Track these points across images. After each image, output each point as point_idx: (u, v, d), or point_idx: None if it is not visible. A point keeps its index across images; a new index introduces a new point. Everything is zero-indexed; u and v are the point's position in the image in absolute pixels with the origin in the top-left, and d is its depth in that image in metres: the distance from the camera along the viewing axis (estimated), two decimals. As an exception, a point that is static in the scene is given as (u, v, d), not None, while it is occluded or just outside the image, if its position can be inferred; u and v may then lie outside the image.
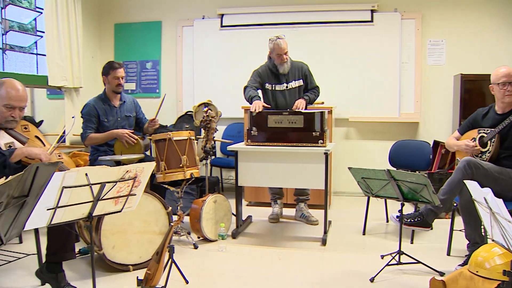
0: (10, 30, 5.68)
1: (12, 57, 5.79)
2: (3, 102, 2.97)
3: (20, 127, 3.19)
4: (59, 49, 5.83)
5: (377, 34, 6.17)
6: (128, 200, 2.66)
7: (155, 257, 3.23)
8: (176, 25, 6.82)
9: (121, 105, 4.50)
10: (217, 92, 6.45)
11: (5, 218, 1.82)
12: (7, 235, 1.94)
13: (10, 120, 3.02)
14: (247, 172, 4.36)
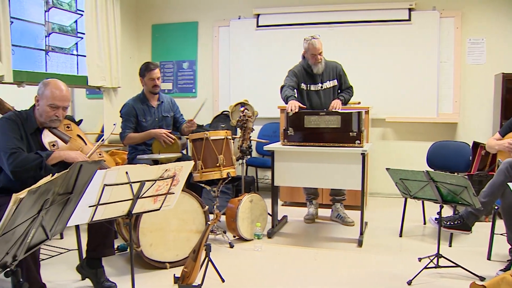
0: (53, 32, 5.83)
1: (54, 58, 5.95)
2: (48, 102, 3.04)
3: (63, 126, 3.26)
4: (99, 50, 5.95)
5: (415, 33, 6.07)
6: (166, 198, 2.69)
7: (192, 255, 3.27)
8: (212, 25, 6.88)
9: (159, 105, 4.56)
10: (253, 92, 6.46)
11: (50, 214, 1.87)
12: (52, 230, 1.99)
13: (54, 120, 3.09)
14: (283, 172, 4.36)
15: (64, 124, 3.25)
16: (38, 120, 3.11)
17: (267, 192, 5.78)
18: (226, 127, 6.00)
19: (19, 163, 2.85)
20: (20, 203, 1.53)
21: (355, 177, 4.16)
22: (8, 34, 4.66)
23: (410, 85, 6.11)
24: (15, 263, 1.80)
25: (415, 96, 6.10)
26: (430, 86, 6.06)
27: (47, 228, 1.93)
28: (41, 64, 5.73)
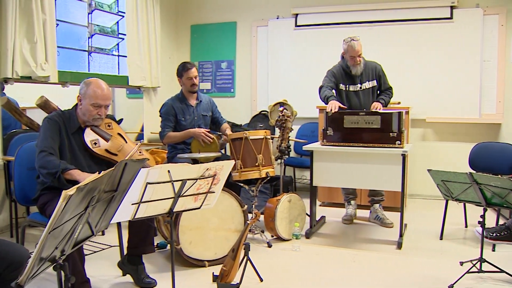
0: (95, 33, 5.96)
1: (96, 58, 6.09)
2: (91, 101, 3.11)
3: (104, 125, 3.32)
4: (139, 50, 6.05)
5: (456, 31, 5.93)
6: (207, 197, 2.71)
7: (231, 254, 3.28)
8: (250, 25, 6.90)
9: (198, 104, 4.61)
10: (291, 91, 6.44)
11: (96, 211, 1.92)
12: (97, 227, 2.04)
13: (96, 118, 3.16)
14: (322, 172, 4.34)
15: (105, 123, 3.32)
16: (81, 119, 3.19)
17: (305, 192, 5.77)
18: (264, 126, 6.01)
19: (43, 163, 2.93)
20: (69, 200, 1.57)
21: (394, 178, 4.10)
22: (54, 36, 4.80)
23: (451, 84, 5.98)
24: (63, 257, 1.85)
25: (457, 96, 5.96)
26: (472, 86, 5.91)
27: (92, 225, 1.98)
28: (84, 65, 5.88)
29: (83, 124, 3.20)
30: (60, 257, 1.83)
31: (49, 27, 4.70)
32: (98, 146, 3.16)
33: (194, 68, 4.52)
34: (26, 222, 3.39)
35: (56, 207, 1.58)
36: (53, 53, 4.79)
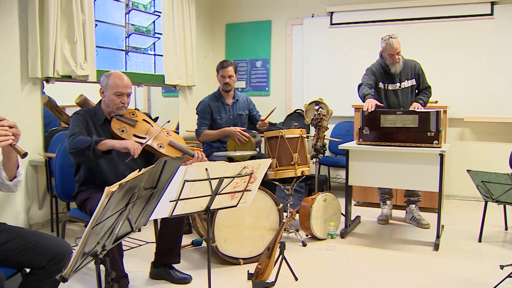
0: (132, 33, 6.06)
1: (133, 57, 6.19)
2: (113, 91, 3.23)
3: (128, 113, 3.41)
4: (175, 49, 6.13)
5: (497, 28, 5.77)
6: (243, 195, 2.72)
7: (266, 253, 3.29)
8: (285, 24, 6.88)
9: (234, 103, 4.63)
10: (326, 90, 6.40)
11: (136, 208, 1.95)
12: (136, 223, 2.07)
13: (120, 107, 3.28)
14: (358, 172, 4.30)
15: (129, 112, 3.41)
16: (105, 111, 3.31)
17: (339, 191, 5.72)
18: (299, 125, 5.99)
19: (74, 144, 3.01)
20: (112, 196, 1.60)
21: (432, 178, 4.03)
22: (93, 36, 4.91)
23: (491, 83, 5.82)
24: (104, 252, 1.89)
25: (496, 94, 5.80)
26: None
27: (132, 221, 2.01)
28: (121, 64, 5.99)
29: (108, 116, 3.31)
30: (101, 252, 1.87)
31: (88, 28, 4.81)
32: (126, 133, 3.24)
33: (230, 67, 4.55)
34: (67, 217, 3.47)
35: (99, 203, 1.61)
36: (92, 52, 4.90)
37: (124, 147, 3.04)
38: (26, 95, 4.49)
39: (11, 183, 2.34)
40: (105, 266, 1.91)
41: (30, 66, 4.43)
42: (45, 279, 2.30)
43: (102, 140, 3.03)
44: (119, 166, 3.24)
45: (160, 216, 2.41)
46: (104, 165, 3.19)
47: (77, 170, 3.28)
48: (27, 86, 4.49)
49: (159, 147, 3.33)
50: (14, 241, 2.28)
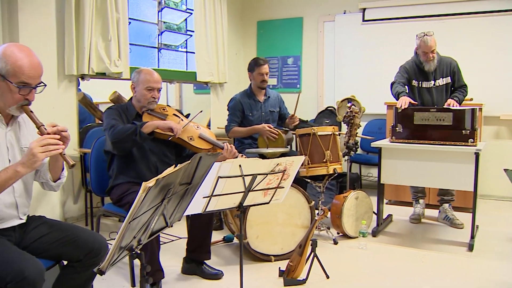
0: (165, 30, 6.12)
1: (166, 55, 6.25)
2: (144, 86, 3.30)
3: (159, 108, 3.47)
4: (207, 46, 6.16)
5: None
6: (276, 192, 2.72)
7: (298, 250, 3.29)
8: (317, 20, 6.84)
9: (266, 100, 4.64)
10: (358, 87, 6.33)
11: (171, 203, 1.97)
12: (171, 218, 2.09)
13: (151, 101, 3.34)
14: (390, 170, 4.25)
15: (160, 107, 3.47)
16: (136, 106, 3.38)
17: (370, 189, 5.67)
18: (330, 122, 5.96)
19: (117, 133, 3.08)
20: (149, 191, 1.63)
21: (466, 178, 3.96)
22: (126, 34, 4.98)
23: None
24: (139, 247, 1.92)
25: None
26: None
27: (167, 216, 2.04)
28: (153, 61, 6.06)
29: (139, 111, 3.38)
30: (137, 246, 1.90)
31: (122, 25, 4.88)
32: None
33: (267, 65, 4.57)
34: (101, 211, 3.54)
35: (136, 198, 1.63)
36: (126, 50, 4.97)
37: (168, 126, 3.17)
38: (62, 92, 4.59)
39: (54, 184, 2.40)
40: (140, 260, 1.93)
41: (66, 64, 4.53)
42: (82, 272, 2.35)
43: (145, 123, 3.14)
44: (151, 157, 3.30)
45: (193, 212, 2.43)
46: (137, 157, 3.25)
47: (110, 164, 3.34)
48: (63, 83, 4.59)
49: (189, 140, 3.38)
50: (53, 234, 2.34)
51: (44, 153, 2.03)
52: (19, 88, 2.09)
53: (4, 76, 2.07)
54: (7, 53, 2.08)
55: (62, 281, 2.37)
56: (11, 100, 2.12)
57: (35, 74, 2.12)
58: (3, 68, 2.06)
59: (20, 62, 2.07)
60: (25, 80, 2.09)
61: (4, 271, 1.95)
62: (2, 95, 2.12)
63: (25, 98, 2.13)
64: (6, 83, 2.08)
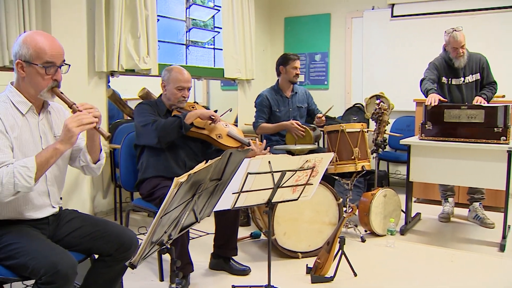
0: (193, 27, 6.16)
1: (194, 51, 6.29)
2: (175, 85, 3.34)
3: (189, 106, 3.51)
4: (234, 43, 6.18)
5: None
6: (305, 189, 2.72)
7: (326, 247, 3.28)
8: (345, 17, 6.79)
9: (293, 96, 4.63)
10: (387, 84, 6.25)
11: (201, 199, 1.99)
12: (201, 214, 2.11)
13: (181, 100, 3.38)
14: (420, 168, 4.19)
15: (189, 105, 3.51)
16: (166, 104, 3.42)
17: (398, 187, 5.62)
18: (358, 119, 5.92)
19: (162, 127, 3.14)
20: (180, 186, 1.64)
21: (498, 176, 3.87)
22: (155, 31, 5.02)
23: None
24: (170, 241, 1.94)
25: None
26: None
27: (197, 212, 2.05)
28: (181, 58, 6.10)
29: (169, 108, 3.42)
30: (167, 241, 1.92)
31: (151, 23, 4.93)
32: None
33: (299, 61, 4.57)
34: (130, 207, 3.58)
35: (168, 193, 1.65)
36: (154, 47, 5.02)
37: (209, 115, 3.32)
38: (92, 88, 4.65)
39: (95, 166, 2.44)
40: (170, 255, 1.95)
41: (96, 61, 4.59)
42: (112, 266, 2.38)
43: (187, 114, 3.23)
44: (180, 152, 3.34)
45: (223, 208, 2.44)
46: (166, 152, 3.29)
47: (139, 158, 3.38)
48: (93, 80, 4.66)
49: (218, 137, 3.40)
50: (85, 228, 2.38)
51: (79, 127, 2.10)
52: (45, 68, 2.14)
53: (29, 61, 2.13)
54: (27, 39, 2.14)
55: (93, 275, 2.42)
56: (41, 83, 2.17)
57: (57, 52, 2.17)
58: (26, 53, 2.12)
59: (41, 43, 2.13)
60: (49, 59, 2.14)
61: (38, 264, 1.99)
62: (31, 81, 2.17)
63: (53, 79, 2.18)
64: (32, 67, 2.14)
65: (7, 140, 2.10)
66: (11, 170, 2.00)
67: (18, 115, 2.19)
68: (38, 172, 2.04)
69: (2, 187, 1.98)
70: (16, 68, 2.17)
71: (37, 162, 2.04)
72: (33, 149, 2.19)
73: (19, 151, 2.14)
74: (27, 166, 2.02)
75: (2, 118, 2.11)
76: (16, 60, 2.15)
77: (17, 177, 1.99)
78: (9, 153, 2.08)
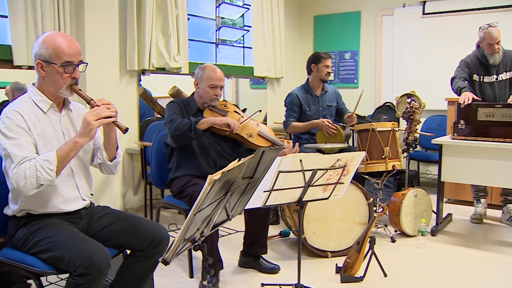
0: (222, 26, 6.19)
1: (223, 50, 6.32)
2: (208, 83, 3.35)
3: (220, 105, 3.51)
4: (264, 41, 6.18)
5: None
6: (336, 188, 2.71)
7: (356, 247, 3.26)
8: (375, 14, 6.72)
9: (323, 94, 4.61)
10: (418, 83, 6.15)
11: (233, 197, 2.00)
12: (233, 212, 2.12)
13: (213, 98, 3.40)
14: (452, 168, 4.12)
15: (221, 104, 3.52)
16: (198, 102, 3.44)
17: (429, 187, 5.52)
18: (388, 118, 5.85)
19: (175, 127, 3.16)
20: (214, 184, 1.65)
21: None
22: (186, 29, 5.07)
23: None
24: (202, 239, 1.95)
25: None
26: None
27: (229, 210, 2.06)
28: (211, 56, 6.14)
29: (201, 107, 3.43)
30: (199, 238, 1.93)
31: (181, 21, 4.98)
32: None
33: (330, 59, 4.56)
34: (161, 203, 3.62)
35: (202, 190, 1.67)
36: (185, 45, 5.06)
37: (225, 123, 3.24)
38: (124, 86, 4.72)
39: (111, 164, 2.50)
40: (202, 252, 1.97)
41: (128, 59, 4.66)
42: (144, 261, 2.42)
43: (201, 119, 3.20)
44: (210, 152, 3.36)
45: (254, 206, 2.45)
46: (197, 151, 3.32)
47: (170, 157, 3.42)
48: (124, 78, 4.73)
49: (248, 137, 3.40)
50: (117, 223, 2.42)
51: (98, 120, 2.17)
52: (64, 67, 2.21)
53: (48, 61, 2.20)
54: (45, 39, 2.22)
55: (125, 270, 2.45)
56: (61, 81, 2.24)
57: (74, 51, 2.24)
58: (46, 53, 2.20)
59: (59, 43, 2.20)
60: (67, 58, 2.21)
61: (73, 256, 2.04)
62: (51, 80, 2.25)
63: (72, 77, 2.25)
64: (52, 67, 2.21)
65: (30, 137, 2.17)
66: (33, 164, 2.07)
67: (39, 113, 2.27)
68: (59, 165, 2.11)
69: (26, 181, 2.06)
70: (37, 68, 2.25)
71: (58, 156, 2.11)
72: (56, 145, 2.25)
73: (44, 147, 2.22)
74: (48, 159, 2.09)
75: (25, 116, 2.18)
76: (36, 60, 2.23)
77: (39, 171, 2.06)
78: (31, 148, 2.15)
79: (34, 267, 2.17)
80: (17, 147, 2.10)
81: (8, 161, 2.12)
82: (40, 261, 2.17)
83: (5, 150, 2.11)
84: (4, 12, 3.91)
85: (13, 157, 2.09)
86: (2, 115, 2.18)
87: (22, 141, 2.13)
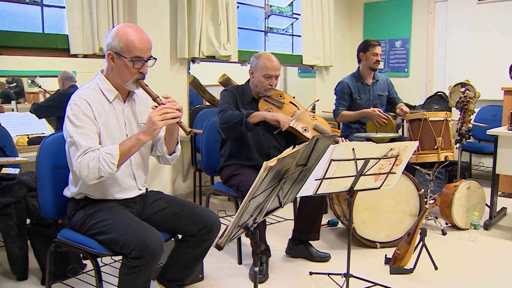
0: (272, 14, 6.17)
1: (272, 38, 6.30)
2: (262, 73, 3.30)
3: (276, 95, 3.47)
4: (313, 30, 6.13)
5: None
6: (387, 177, 2.67)
7: (406, 238, 3.21)
8: (428, 1, 6.52)
9: (374, 83, 4.53)
10: (471, 71, 5.96)
11: (286, 184, 2.00)
12: (285, 199, 2.13)
13: (268, 89, 3.35)
14: (508, 160, 3.98)
15: (277, 94, 3.48)
16: (253, 91, 3.41)
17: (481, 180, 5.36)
18: (439, 108, 5.71)
19: (225, 119, 3.16)
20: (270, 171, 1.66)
21: None
22: (235, 18, 5.09)
23: None
24: (254, 225, 1.97)
25: None
26: None
27: (281, 197, 2.07)
28: (260, 44, 6.14)
29: (256, 96, 3.41)
30: (252, 225, 1.95)
31: (231, 10, 5.00)
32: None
33: (380, 46, 4.46)
34: (211, 190, 3.67)
35: (257, 177, 1.68)
36: (234, 34, 5.08)
37: (275, 119, 3.16)
38: (174, 74, 4.79)
39: (169, 157, 2.55)
40: (255, 238, 1.98)
41: (178, 48, 4.72)
42: (195, 246, 2.47)
43: (252, 112, 3.17)
44: (263, 144, 3.35)
45: (305, 194, 2.45)
46: (251, 142, 3.31)
47: (223, 145, 3.44)
48: (175, 66, 4.80)
49: (303, 130, 3.37)
50: (170, 208, 2.48)
51: (163, 121, 2.20)
52: (133, 62, 2.25)
53: (119, 54, 2.25)
54: (119, 32, 2.26)
55: (176, 254, 2.51)
56: (128, 75, 2.29)
57: (146, 47, 2.28)
58: (118, 45, 2.24)
59: (132, 37, 2.24)
60: (138, 54, 2.25)
61: (128, 239, 2.10)
62: (119, 72, 2.30)
63: (139, 71, 2.29)
64: (121, 60, 2.26)
65: (95, 126, 2.24)
66: (97, 156, 2.14)
67: (105, 102, 2.33)
68: (120, 160, 2.16)
69: (89, 171, 2.13)
70: (107, 58, 2.30)
71: (121, 150, 2.17)
72: (118, 135, 2.32)
73: (106, 136, 2.28)
74: (111, 153, 2.15)
75: (91, 105, 2.25)
76: (108, 51, 2.28)
77: (102, 163, 2.12)
78: (95, 138, 2.22)
79: (92, 248, 2.25)
80: (82, 136, 2.17)
81: (73, 148, 2.19)
82: (96, 243, 2.26)
83: (72, 138, 2.18)
84: (61, 3, 4.02)
85: (78, 145, 2.16)
86: (71, 102, 2.25)
87: (87, 130, 2.19)
